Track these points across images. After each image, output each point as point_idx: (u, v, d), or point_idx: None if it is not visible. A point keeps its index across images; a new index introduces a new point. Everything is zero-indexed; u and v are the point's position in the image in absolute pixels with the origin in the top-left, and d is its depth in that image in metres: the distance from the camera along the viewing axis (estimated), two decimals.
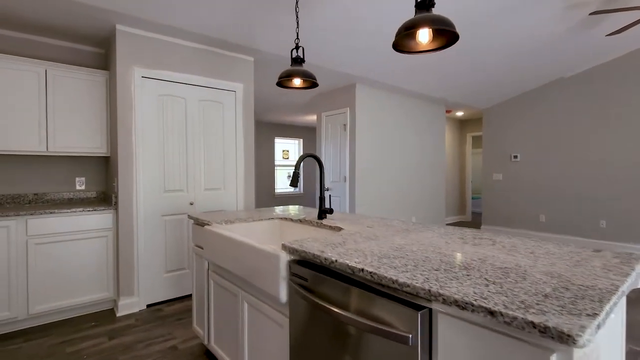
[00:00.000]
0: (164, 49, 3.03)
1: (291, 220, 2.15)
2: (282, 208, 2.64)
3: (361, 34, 3.18)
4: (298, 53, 2.13)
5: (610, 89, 4.98)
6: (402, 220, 1.97)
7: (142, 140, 2.94)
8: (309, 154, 1.98)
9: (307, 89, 2.12)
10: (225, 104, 3.43)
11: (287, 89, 2.17)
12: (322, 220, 2.00)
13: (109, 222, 2.89)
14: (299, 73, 2.03)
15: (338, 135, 4.93)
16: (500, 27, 3.46)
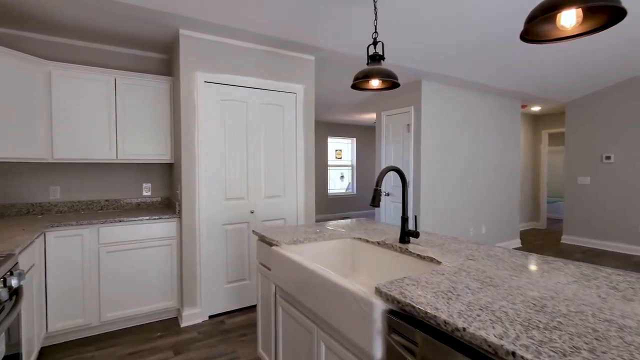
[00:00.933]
0: (225, 51, 2.92)
1: (367, 242, 1.89)
2: (350, 224, 2.39)
3: (432, 24, 2.81)
4: (376, 49, 1.84)
5: None
6: (505, 249, 1.61)
7: (205, 147, 2.87)
8: (392, 167, 1.70)
9: (386, 89, 1.83)
10: (286, 107, 3.26)
11: (360, 90, 1.89)
12: (407, 245, 1.71)
13: (172, 230, 2.86)
14: (379, 73, 1.75)
15: (400, 136, 4.57)
16: None
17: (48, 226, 2.40)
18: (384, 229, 2.14)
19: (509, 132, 5.36)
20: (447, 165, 4.61)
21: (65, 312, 2.48)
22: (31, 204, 2.86)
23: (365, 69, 1.78)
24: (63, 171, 2.99)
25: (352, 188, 8.99)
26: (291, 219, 3.32)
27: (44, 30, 2.75)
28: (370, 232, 2.06)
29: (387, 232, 2.03)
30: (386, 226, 2.25)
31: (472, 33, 2.94)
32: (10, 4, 2.32)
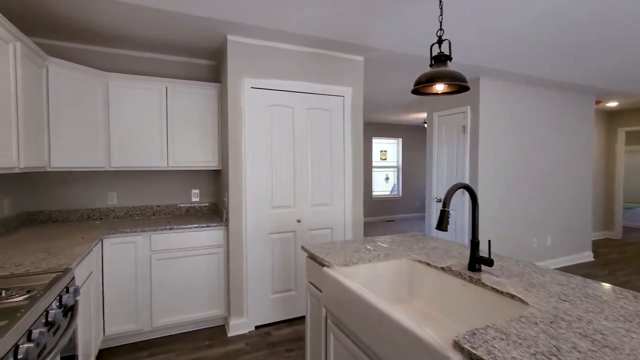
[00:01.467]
0: (272, 55, 2.84)
1: (428, 265, 1.69)
2: (405, 239, 2.18)
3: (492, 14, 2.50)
4: (441, 49, 1.63)
5: None
6: (607, 286, 1.33)
7: (251, 155, 2.81)
8: (461, 185, 1.48)
9: (452, 94, 1.61)
10: (333, 111, 3.11)
11: (422, 95, 1.69)
12: (478, 273, 1.49)
13: (220, 238, 2.84)
14: (446, 76, 1.54)
15: (455, 138, 4.23)
16: None
17: (105, 233, 2.47)
18: (446, 249, 1.91)
19: (580, 132, 4.78)
20: (508, 170, 4.19)
21: (120, 316, 2.55)
22: (91, 210, 3.00)
23: (430, 72, 1.57)
24: (119, 178, 3.10)
25: (397, 190, 8.65)
26: (338, 228, 3.18)
27: (101, 42, 2.85)
28: (431, 252, 1.85)
29: (451, 254, 1.81)
30: (447, 244, 2.02)
31: (537, 23, 2.58)
32: (73, 20, 2.41)
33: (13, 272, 1.53)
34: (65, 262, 1.69)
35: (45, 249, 1.95)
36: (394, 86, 4.42)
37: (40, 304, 1.25)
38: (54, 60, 2.38)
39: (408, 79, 4.02)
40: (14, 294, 1.34)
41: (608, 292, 1.27)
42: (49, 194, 2.88)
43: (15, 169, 1.87)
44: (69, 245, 2.07)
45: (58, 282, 1.44)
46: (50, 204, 2.89)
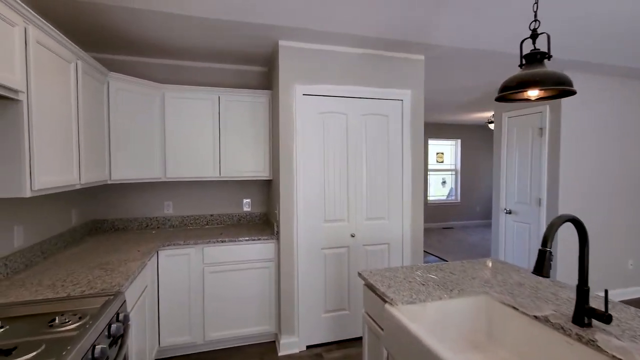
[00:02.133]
0: (324, 60, 2.66)
1: (514, 309, 1.39)
2: (480, 266, 1.87)
3: None
4: (535, 45, 1.31)
5: None
6: None
7: (303, 165, 2.66)
8: (568, 217, 1.17)
9: (549, 99, 1.29)
10: (391, 117, 2.85)
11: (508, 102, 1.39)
12: (589, 331, 1.16)
13: (271, 252, 2.74)
14: (545, 80, 1.23)
15: (529, 142, 3.73)
16: None
17: (160, 245, 2.48)
18: (534, 287, 1.58)
19: None
20: (596, 179, 3.59)
21: (175, 328, 2.55)
22: (149, 219, 3.07)
23: (523, 76, 1.27)
24: (175, 188, 3.14)
25: (455, 195, 8.06)
26: (396, 244, 2.91)
27: (157, 54, 2.89)
28: (515, 289, 1.54)
29: (542, 295, 1.47)
30: (534, 280, 1.68)
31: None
32: (131, 34, 2.44)
33: (69, 294, 1.52)
34: (118, 283, 1.66)
35: (103, 265, 1.97)
36: (455, 85, 4.02)
37: (90, 336, 1.19)
38: (115, 75, 2.43)
39: (473, 76, 3.61)
40: (67, 320, 1.31)
41: None
42: (112, 203, 3.00)
43: (76, 186, 1.90)
44: (125, 259, 2.07)
45: (109, 308, 1.40)
46: (112, 212, 3.00)
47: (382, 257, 2.89)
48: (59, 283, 1.66)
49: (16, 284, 1.66)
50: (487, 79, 3.71)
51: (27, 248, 1.94)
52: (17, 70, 1.35)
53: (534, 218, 3.67)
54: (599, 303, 1.38)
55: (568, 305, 1.37)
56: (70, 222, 2.53)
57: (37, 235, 2.07)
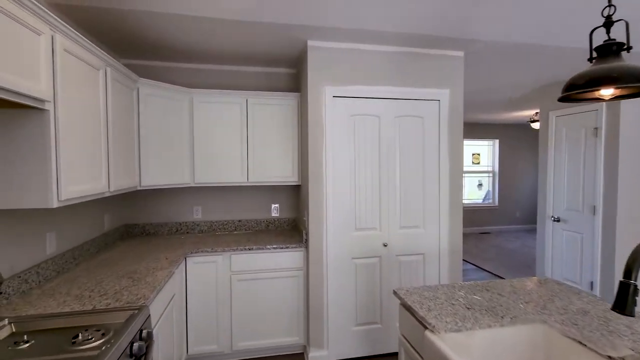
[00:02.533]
0: (355, 59, 2.52)
1: (580, 344, 1.19)
2: (532, 286, 1.66)
3: None
4: (610, 34, 1.11)
5: None
6: None
7: (333, 170, 2.54)
8: None
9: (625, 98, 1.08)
10: (426, 119, 2.66)
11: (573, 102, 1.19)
12: None
13: (299, 260, 2.64)
14: (624, 76, 1.03)
15: (582, 143, 3.38)
16: None
17: (188, 252, 2.45)
18: (603, 317, 1.35)
19: None
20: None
21: (202, 337, 2.52)
22: (178, 224, 3.07)
23: (595, 71, 1.07)
24: (203, 193, 3.12)
25: (492, 198, 7.62)
26: (432, 254, 2.72)
27: (185, 59, 2.88)
28: (579, 319, 1.33)
29: (614, 327, 1.25)
30: (601, 306, 1.45)
31: None
32: (160, 40, 2.43)
33: (95, 307, 1.49)
34: (144, 295, 1.62)
35: (131, 274, 1.94)
36: (495, 82, 3.74)
37: (111, 356, 1.14)
38: (144, 81, 2.43)
39: (516, 72, 3.32)
40: (90, 337, 1.27)
41: None
42: (142, 208, 3.02)
43: (105, 194, 1.89)
44: (153, 268, 2.05)
45: (132, 325, 1.34)
46: (143, 217, 3.02)
47: (416, 269, 2.71)
48: (86, 293, 1.64)
49: (47, 293, 1.66)
50: (533, 75, 3.41)
51: (59, 255, 1.95)
52: (43, 80, 1.33)
53: (587, 227, 3.33)
54: None
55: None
56: (102, 227, 2.56)
57: (69, 242, 2.09)
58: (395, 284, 2.67)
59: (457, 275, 2.76)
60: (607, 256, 3.16)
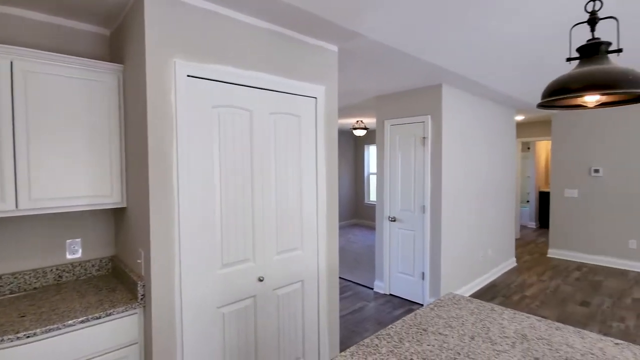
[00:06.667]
0: (219, 28, 1.79)
1: None
2: (456, 313, 1.48)
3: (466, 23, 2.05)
4: (594, 34, 0.98)
5: None
6: None
7: (188, 184, 1.71)
8: None
9: (613, 105, 0.95)
10: (304, 118, 2.22)
11: (551, 109, 1.00)
12: None
13: (131, 332, 1.66)
14: (619, 80, 0.88)
15: (412, 150, 3.80)
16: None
17: None
18: (539, 337, 1.26)
19: (506, 145, 4.96)
20: (467, 186, 3.98)
21: None
22: None
23: (589, 75, 0.89)
24: None
25: None
26: (311, 279, 2.31)
27: None
28: (523, 345, 1.18)
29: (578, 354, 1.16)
30: (523, 318, 1.38)
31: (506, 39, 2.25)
32: None
33: None
34: None
35: None
36: (344, 87, 3.74)
37: None
38: None
39: (366, 79, 3.38)
40: None
41: None
42: None
43: None
44: None
45: None
46: None
47: (295, 301, 2.23)
48: None
49: None
50: (383, 83, 3.55)
51: None
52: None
53: (419, 225, 3.76)
54: None
55: None
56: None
57: None
58: (273, 328, 2.10)
59: (335, 296, 2.46)
60: (434, 249, 3.65)
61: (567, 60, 1.04)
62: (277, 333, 2.11)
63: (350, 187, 8.81)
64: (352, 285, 4.45)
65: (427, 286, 3.70)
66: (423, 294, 3.75)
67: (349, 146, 8.74)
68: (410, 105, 3.78)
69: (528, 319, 1.44)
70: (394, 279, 4.03)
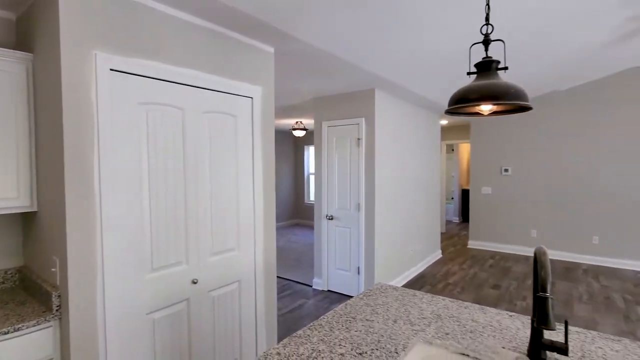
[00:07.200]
0: (148, 21, 1.72)
1: (468, 357, 1.18)
2: (390, 305, 1.62)
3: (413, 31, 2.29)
4: (488, 53, 1.14)
5: (605, 104, 4.98)
6: None
7: (112, 185, 1.61)
8: (542, 251, 1.03)
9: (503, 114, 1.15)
10: (240, 118, 2.22)
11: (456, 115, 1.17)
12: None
13: (46, 346, 1.52)
14: (506, 93, 1.06)
15: (348, 151, 3.97)
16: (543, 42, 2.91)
17: None
18: (450, 315, 1.45)
19: (433, 147, 5.43)
20: (398, 185, 4.26)
21: None
22: None
23: (483, 88, 1.06)
24: None
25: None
26: (248, 279, 2.31)
27: None
28: (445, 325, 1.35)
29: (480, 327, 1.34)
30: (438, 300, 1.57)
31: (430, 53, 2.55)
32: None
33: None
34: None
35: None
36: (283, 88, 3.78)
37: None
38: None
39: (307, 80, 3.47)
40: None
41: None
42: None
43: None
44: None
45: None
46: None
47: (232, 302, 2.21)
48: None
49: None
50: (320, 85, 3.66)
51: None
52: None
53: (354, 222, 3.95)
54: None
55: (507, 339, 1.29)
56: None
57: None
58: (209, 330, 2.07)
59: (272, 295, 2.49)
60: (369, 245, 3.86)
61: (467, 74, 1.21)
62: (212, 335, 2.08)
63: (291, 188, 8.87)
64: (292, 284, 4.51)
65: (363, 280, 3.90)
66: (359, 287, 3.94)
67: (289, 147, 8.79)
68: (346, 108, 3.96)
69: (443, 301, 1.62)
70: (332, 275, 4.17)
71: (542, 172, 5.51)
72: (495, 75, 1.13)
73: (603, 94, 4.96)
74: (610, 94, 4.91)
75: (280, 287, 4.39)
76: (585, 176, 5.15)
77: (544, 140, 5.47)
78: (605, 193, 5.02)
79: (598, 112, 5.01)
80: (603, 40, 3.32)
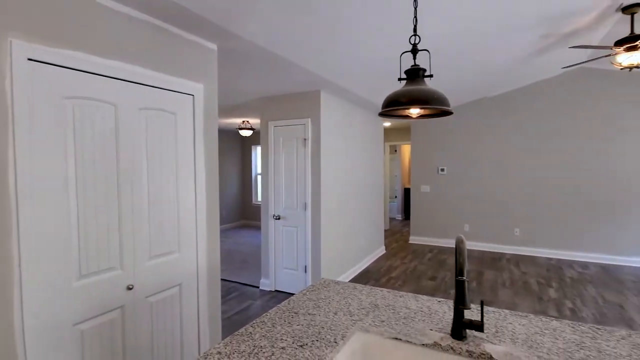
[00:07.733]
0: (73, 9, 1.60)
1: (404, 342, 1.28)
2: (332, 297, 1.68)
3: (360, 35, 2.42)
4: (416, 61, 1.24)
5: (526, 109, 5.61)
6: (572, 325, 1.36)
7: (31, 187, 1.47)
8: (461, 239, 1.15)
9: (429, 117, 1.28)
10: (180, 116, 2.14)
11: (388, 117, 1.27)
12: (473, 343, 1.21)
13: None
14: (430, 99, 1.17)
15: (294, 151, 4.01)
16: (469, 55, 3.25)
17: None
18: (387, 304, 1.55)
19: (376, 145, 5.68)
20: (344, 184, 4.39)
21: None
22: None
23: (412, 93, 1.16)
24: None
25: None
26: (190, 282, 2.23)
27: None
28: (376, 312, 1.44)
29: (412, 313, 1.45)
30: (376, 292, 1.67)
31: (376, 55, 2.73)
32: None
33: None
34: None
35: None
36: (226, 87, 3.71)
37: None
38: None
39: (251, 80, 3.43)
40: None
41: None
42: None
43: None
44: None
45: None
46: None
47: (172, 307, 2.13)
48: None
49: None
50: (266, 85, 3.64)
51: None
52: None
53: (301, 221, 4.00)
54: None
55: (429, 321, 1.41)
56: None
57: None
58: (146, 337, 1.97)
59: (216, 298, 2.44)
60: (315, 243, 3.93)
61: (398, 79, 1.32)
62: (150, 343, 1.98)
63: (238, 188, 8.69)
64: (239, 286, 4.43)
65: (310, 278, 3.96)
66: (306, 286, 4.00)
67: (236, 147, 8.61)
68: (293, 108, 3.99)
69: (380, 292, 1.73)
70: (280, 275, 4.18)
71: (474, 171, 6.04)
72: (422, 82, 1.25)
73: (525, 99, 5.58)
74: (531, 100, 5.55)
75: (227, 289, 4.29)
76: (509, 175, 5.76)
77: (475, 141, 6.01)
78: (524, 190, 5.66)
79: (521, 116, 5.63)
80: (522, 55, 3.75)
